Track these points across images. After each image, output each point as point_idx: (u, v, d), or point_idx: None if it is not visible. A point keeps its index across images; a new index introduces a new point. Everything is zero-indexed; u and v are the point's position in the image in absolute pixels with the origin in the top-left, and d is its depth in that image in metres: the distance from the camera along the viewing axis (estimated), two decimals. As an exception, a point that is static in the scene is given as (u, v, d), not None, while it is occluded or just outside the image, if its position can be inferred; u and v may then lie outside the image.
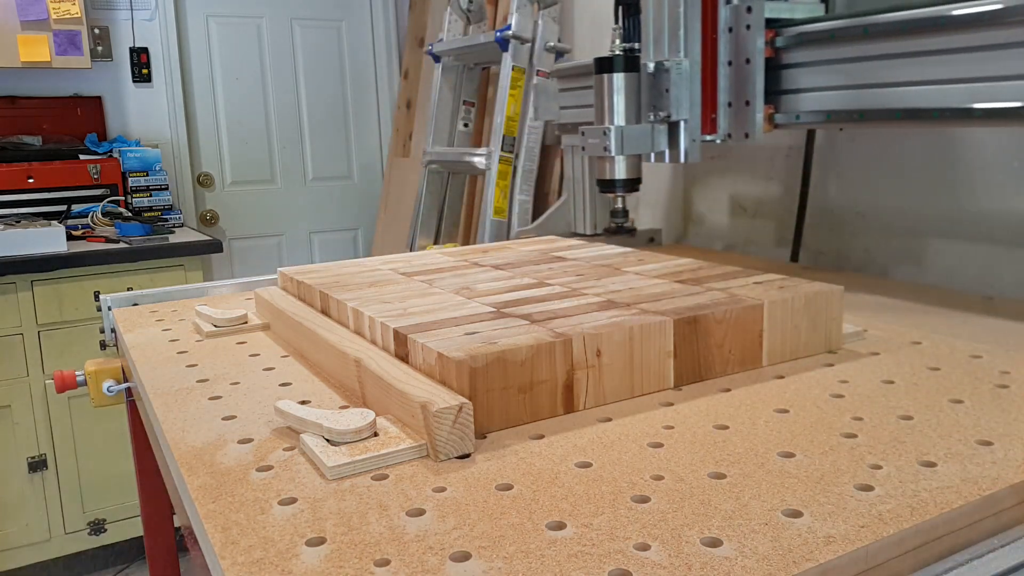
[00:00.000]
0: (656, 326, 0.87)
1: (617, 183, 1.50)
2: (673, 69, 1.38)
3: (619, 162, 1.48)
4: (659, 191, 2.32)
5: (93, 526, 2.75)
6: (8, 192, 2.92)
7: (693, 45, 1.38)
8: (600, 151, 1.43)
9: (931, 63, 1.14)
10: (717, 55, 1.37)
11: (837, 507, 0.60)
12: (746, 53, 1.33)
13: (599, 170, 1.51)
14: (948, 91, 1.12)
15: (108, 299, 1.38)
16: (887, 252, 1.66)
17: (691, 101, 1.39)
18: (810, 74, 1.31)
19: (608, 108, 1.44)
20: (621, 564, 0.54)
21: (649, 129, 1.42)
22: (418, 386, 0.78)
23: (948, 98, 1.12)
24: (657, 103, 1.41)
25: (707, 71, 1.39)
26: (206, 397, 0.92)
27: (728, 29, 1.36)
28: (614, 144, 1.41)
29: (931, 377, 0.89)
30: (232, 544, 0.59)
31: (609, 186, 1.51)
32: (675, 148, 1.43)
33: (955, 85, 1.11)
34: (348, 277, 1.23)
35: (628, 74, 1.44)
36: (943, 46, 1.12)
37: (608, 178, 1.50)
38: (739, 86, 1.35)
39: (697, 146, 1.41)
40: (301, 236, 3.85)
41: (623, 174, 1.49)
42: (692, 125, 1.40)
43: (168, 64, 3.39)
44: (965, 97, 1.10)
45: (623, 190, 1.51)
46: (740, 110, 1.35)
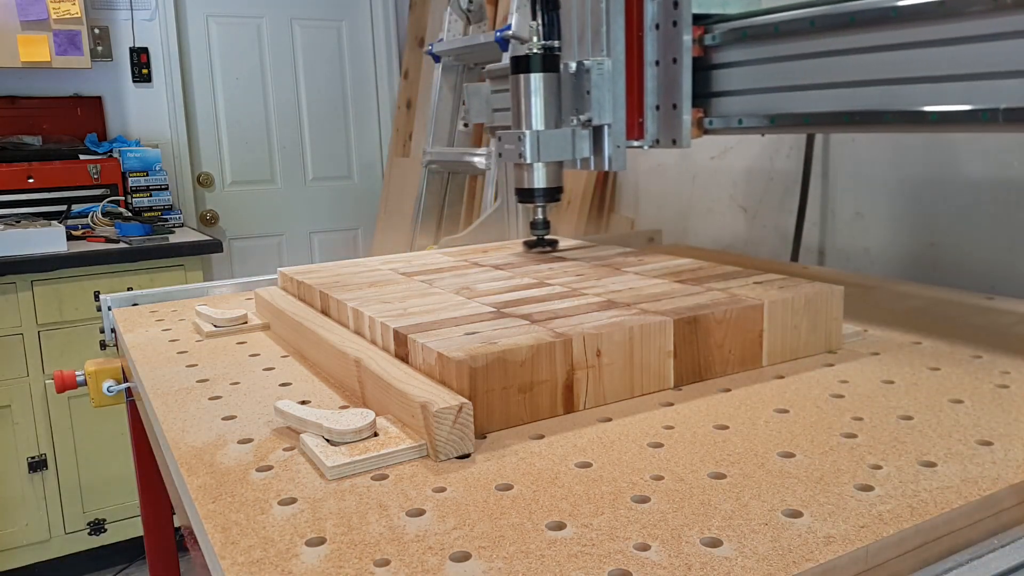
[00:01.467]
0: (656, 326, 0.87)
1: (536, 192, 1.37)
2: (594, 69, 1.27)
3: (538, 169, 1.35)
4: (659, 191, 2.32)
5: (93, 526, 2.75)
6: (8, 192, 2.92)
7: (616, 43, 1.27)
8: (515, 158, 1.32)
9: (877, 61, 1.02)
10: (643, 54, 1.26)
11: (837, 507, 0.60)
12: (673, 52, 1.23)
13: (516, 178, 1.39)
14: (899, 92, 1.01)
15: (108, 299, 1.38)
16: (887, 252, 1.66)
17: (615, 104, 1.28)
18: (743, 75, 1.21)
19: (525, 111, 1.32)
20: (621, 564, 0.54)
21: (570, 134, 1.31)
22: (418, 386, 0.78)
23: (898, 100, 1.01)
24: (579, 106, 1.30)
25: (633, 72, 1.28)
26: (206, 397, 0.92)
27: (655, 26, 1.25)
28: (529, 150, 1.30)
29: (931, 377, 0.89)
30: (232, 544, 0.59)
31: (527, 195, 1.38)
32: (599, 155, 1.32)
33: (908, 86, 1.00)
34: (348, 277, 1.23)
35: (546, 74, 1.32)
36: (892, 41, 1.00)
37: (526, 187, 1.37)
38: (667, 88, 1.25)
39: (622, 153, 1.30)
40: (301, 236, 3.85)
41: (542, 183, 1.36)
42: (616, 130, 1.29)
43: (168, 64, 3.39)
44: (917, 98, 0.99)
45: (543, 200, 1.39)
46: (668, 114, 1.25)
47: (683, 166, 2.22)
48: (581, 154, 1.33)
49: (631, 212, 2.46)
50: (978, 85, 0.90)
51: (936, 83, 0.95)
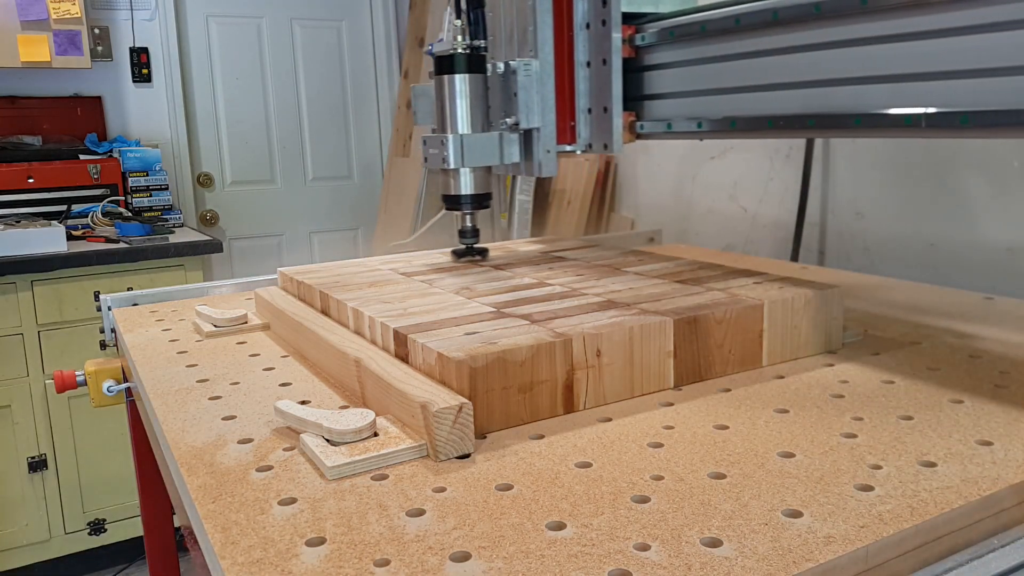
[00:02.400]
0: (656, 326, 0.87)
1: (463, 199, 1.30)
2: (521, 70, 1.20)
3: (464, 175, 1.28)
4: (659, 191, 2.32)
5: (93, 526, 2.75)
6: (8, 192, 2.91)
7: (544, 43, 1.21)
8: (440, 163, 1.25)
9: (802, 62, 0.97)
10: (574, 55, 1.21)
11: (837, 507, 0.60)
12: (603, 53, 1.18)
13: (443, 184, 1.31)
14: (824, 94, 0.95)
15: (108, 299, 1.38)
16: (887, 252, 1.66)
17: (543, 107, 1.22)
18: (674, 76, 1.15)
19: (450, 114, 1.25)
20: (621, 564, 0.54)
21: (497, 138, 1.25)
22: (418, 386, 0.78)
23: (823, 103, 0.94)
24: (507, 109, 1.23)
25: (563, 73, 1.22)
26: (206, 397, 0.92)
27: (586, 25, 1.20)
28: (453, 155, 1.23)
29: (931, 377, 0.89)
30: (232, 544, 0.59)
31: (454, 202, 1.31)
32: (530, 160, 1.25)
33: (833, 88, 0.94)
34: (348, 277, 1.23)
35: (472, 75, 1.25)
36: (815, 40, 0.95)
37: (452, 193, 1.30)
38: (598, 90, 1.20)
39: (553, 157, 1.24)
40: (301, 236, 3.85)
41: (469, 188, 1.29)
42: (546, 134, 1.23)
43: (168, 64, 3.39)
44: (842, 101, 0.93)
45: (470, 207, 1.31)
46: (600, 117, 1.20)
47: (683, 166, 2.22)
48: (510, 159, 1.26)
49: (631, 212, 2.46)
50: (902, 87, 0.86)
51: (859, 85, 0.90)
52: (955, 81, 0.80)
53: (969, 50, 0.78)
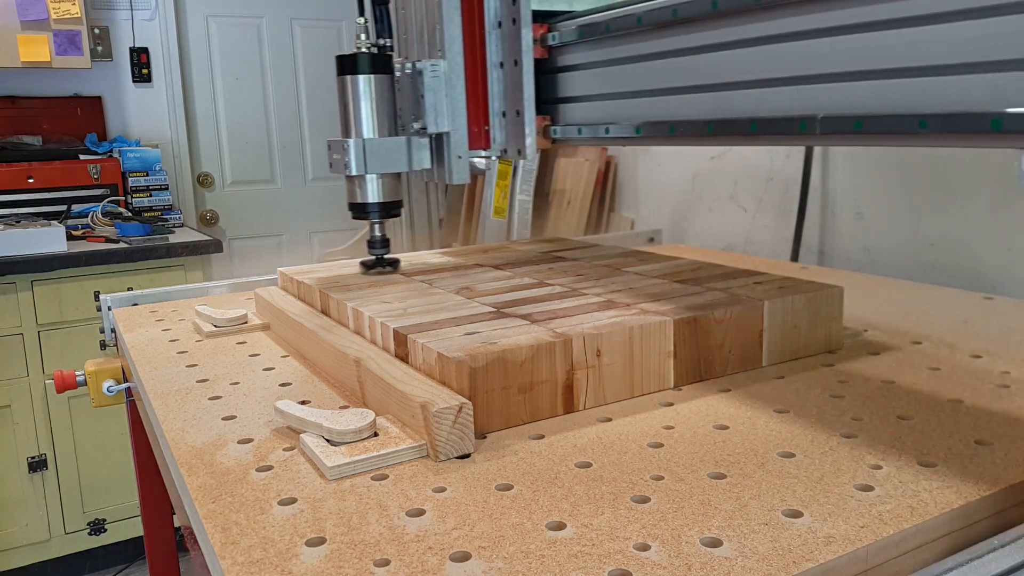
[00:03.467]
0: (656, 326, 0.87)
1: (369, 208, 1.21)
2: (427, 71, 1.13)
3: (370, 182, 1.20)
4: (659, 191, 2.32)
5: (93, 526, 2.75)
6: (8, 192, 2.91)
7: (453, 42, 1.15)
8: (342, 169, 1.17)
9: (703, 63, 0.90)
10: (486, 55, 1.15)
11: (837, 507, 0.60)
12: (514, 53, 1.11)
13: (348, 191, 1.23)
14: (725, 98, 0.88)
15: (108, 299, 1.38)
16: (887, 252, 1.66)
17: (453, 110, 1.16)
18: (587, 78, 1.08)
19: (354, 117, 1.17)
20: (621, 564, 0.54)
21: (404, 143, 1.18)
22: (418, 386, 0.78)
23: (723, 107, 0.88)
24: (417, 112, 1.17)
25: (475, 74, 1.16)
26: (206, 397, 0.92)
27: (498, 24, 1.13)
28: (355, 161, 1.16)
29: (931, 377, 0.89)
30: (232, 544, 0.59)
31: (360, 211, 1.22)
32: (441, 166, 1.19)
33: (732, 92, 0.87)
34: (348, 277, 1.23)
35: (377, 76, 1.17)
36: (715, 40, 0.87)
37: (359, 202, 1.21)
38: (511, 93, 1.13)
39: (465, 164, 1.18)
40: (301, 236, 3.85)
41: (377, 196, 1.21)
42: (457, 139, 1.16)
43: (168, 64, 3.39)
44: (741, 105, 0.85)
45: (378, 216, 1.22)
46: (513, 121, 1.14)
47: (683, 166, 2.22)
48: (421, 165, 1.20)
49: (631, 212, 2.46)
50: (799, 90, 0.79)
51: (755, 88, 0.84)
52: (852, 84, 0.73)
53: (864, 49, 0.71)
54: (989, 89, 0.62)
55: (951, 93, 0.65)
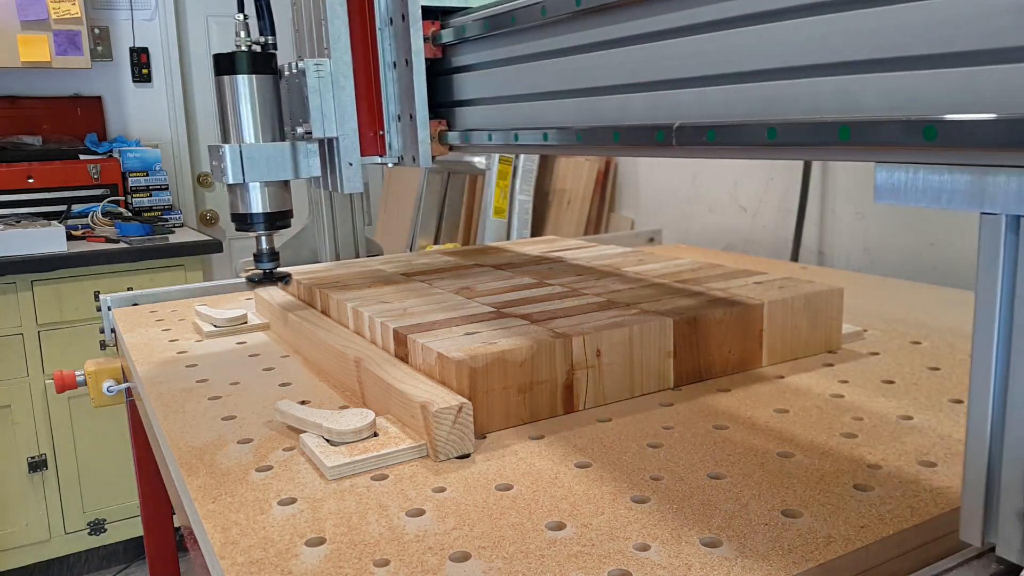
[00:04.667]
0: (656, 326, 0.87)
1: (253, 219, 1.11)
2: (310, 71, 1.05)
3: (254, 190, 1.10)
4: (659, 190, 2.33)
5: (93, 526, 2.75)
6: (8, 192, 2.92)
7: (339, 39, 1.06)
8: (220, 177, 1.08)
9: (571, 66, 0.82)
10: (378, 54, 1.08)
11: (837, 507, 0.60)
12: (405, 52, 1.05)
13: (231, 202, 1.13)
14: (593, 104, 0.80)
15: (108, 299, 1.38)
16: (887, 252, 1.66)
17: (342, 113, 1.07)
18: (481, 80, 1.01)
19: (233, 121, 1.08)
20: (621, 564, 0.54)
21: (288, 149, 1.10)
22: (418, 386, 0.78)
23: (592, 114, 0.79)
24: (304, 116, 1.09)
25: (365, 75, 1.08)
26: (206, 397, 0.92)
27: (390, 20, 1.06)
28: (231, 168, 1.06)
29: (931, 377, 0.89)
30: (232, 544, 0.59)
31: (243, 222, 1.12)
32: (334, 173, 1.11)
33: (599, 97, 0.78)
34: (348, 277, 1.23)
35: (258, 76, 1.09)
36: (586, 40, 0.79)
37: (241, 212, 1.11)
38: (405, 95, 1.06)
39: (357, 171, 1.09)
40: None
41: (261, 206, 1.11)
42: (347, 144, 1.08)
43: (168, 64, 3.39)
44: (605, 112, 0.77)
45: (264, 227, 1.12)
46: (408, 126, 1.07)
47: (683, 165, 2.22)
48: (309, 172, 1.12)
49: (631, 212, 2.46)
50: (657, 96, 0.71)
51: (620, 94, 0.76)
52: (707, 89, 0.66)
53: (719, 50, 0.63)
54: (837, 94, 0.54)
55: (803, 98, 0.57)
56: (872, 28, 0.50)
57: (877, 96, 0.51)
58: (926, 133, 0.45)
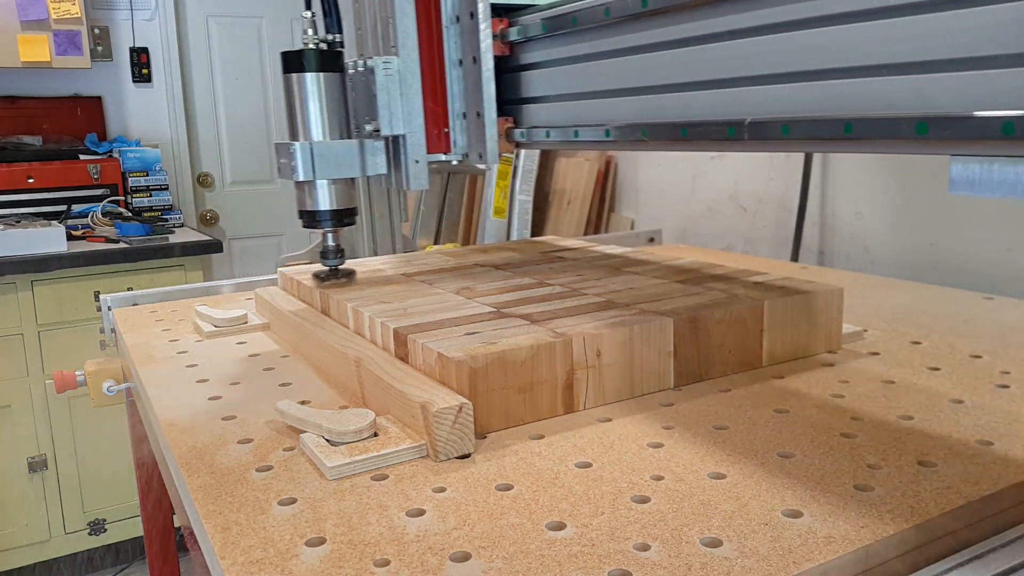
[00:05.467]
0: (656, 326, 0.87)
1: (320, 216, 1.13)
2: (379, 70, 1.05)
3: (321, 188, 1.12)
4: (659, 191, 2.32)
5: (93, 526, 2.75)
6: (8, 192, 2.92)
7: (407, 37, 1.06)
8: (289, 174, 1.10)
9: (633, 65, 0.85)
10: (444, 52, 1.08)
11: (837, 507, 0.60)
12: (473, 50, 1.05)
13: (298, 198, 1.15)
14: (659, 102, 0.83)
15: (108, 299, 1.38)
16: (887, 252, 1.66)
17: (409, 111, 1.07)
18: (547, 77, 1.02)
19: (301, 119, 1.10)
20: (621, 564, 0.54)
21: (356, 146, 1.10)
22: (418, 386, 0.78)
23: (657, 111, 0.82)
24: (371, 113, 1.08)
25: (434, 73, 1.08)
26: (206, 397, 0.92)
27: (456, 19, 1.06)
28: (302, 165, 1.07)
29: (931, 377, 0.89)
30: (232, 544, 0.59)
31: (311, 219, 1.14)
32: (399, 171, 1.11)
33: (667, 95, 0.82)
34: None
35: (326, 75, 1.10)
36: (650, 40, 0.83)
37: (309, 209, 1.13)
38: (472, 93, 1.07)
39: (422, 168, 1.09)
40: (301, 236, 3.85)
41: (329, 203, 1.13)
42: (414, 142, 1.08)
43: (168, 64, 3.39)
44: (670, 110, 0.81)
45: (330, 224, 1.14)
46: (474, 123, 1.07)
47: (683, 166, 2.22)
48: (375, 170, 1.12)
49: (631, 212, 2.46)
50: (723, 93, 0.75)
51: (682, 91, 0.80)
52: (777, 86, 0.70)
53: (789, 50, 0.68)
54: (914, 91, 0.58)
55: (876, 96, 0.61)
56: (946, 30, 0.55)
57: (951, 94, 0.55)
58: (1005, 128, 0.49)
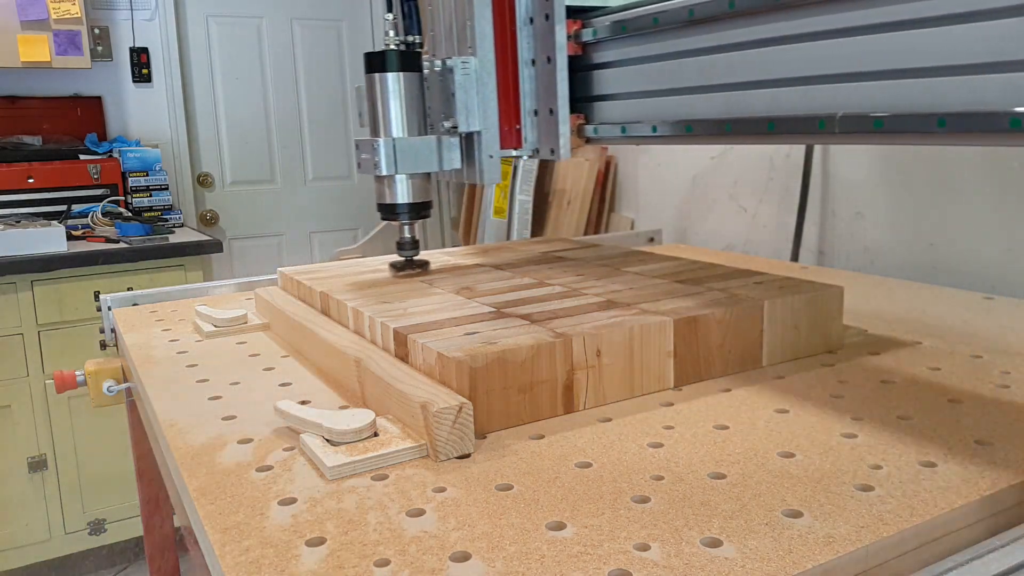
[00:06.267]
0: (656, 326, 0.87)
1: (399, 209, 1.20)
2: (458, 69, 1.11)
3: (400, 183, 1.18)
4: (659, 191, 2.32)
5: (93, 526, 2.75)
6: (8, 192, 2.91)
7: (484, 39, 1.12)
8: (371, 169, 1.15)
9: (720, 63, 0.91)
10: (517, 52, 1.13)
11: (837, 507, 0.60)
12: (547, 50, 1.10)
13: (378, 192, 1.21)
14: (742, 97, 0.89)
15: (108, 299, 1.38)
16: (887, 252, 1.66)
17: (485, 109, 1.13)
18: (623, 75, 1.07)
19: (383, 116, 1.16)
20: (621, 564, 0.54)
21: (435, 142, 1.16)
22: (418, 386, 0.78)
23: (739, 106, 0.88)
24: (446, 111, 1.15)
25: (507, 72, 1.14)
26: (206, 397, 0.92)
27: (529, 20, 1.12)
28: (385, 161, 1.13)
29: (931, 377, 0.89)
30: (232, 544, 0.59)
31: (389, 212, 1.20)
32: (472, 165, 1.17)
33: (751, 91, 0.88)
34: (348, 277, 1.23)
35: (406, 74, 1.15)
36: (734, 40, 0.89)
37: (388, 202, 1.20)
38: (544, 91, 1.12)
39: (496, 163, 1.15)
40: (301, 236, 3.85)
41: (407, 197, 1.19)
42: (488, 138, 1.14)
43: (168, 64, 3.39)
44: (756, 104, 0.87)
45: (408, 217, 1.21)
46: (546, 120, 1.13)
47: (683, 166, 2.22)
48: (451, 164, 1.18)
49: (631, 212, 2.46)
50: (811, 90, 0.82)
51: (771, 88, 0.86)
52: (867, 83, 0.76)
53: (879, 51, 0.74)
54: (1004, 89, 0.64)
55: (967, 92, 0.67)
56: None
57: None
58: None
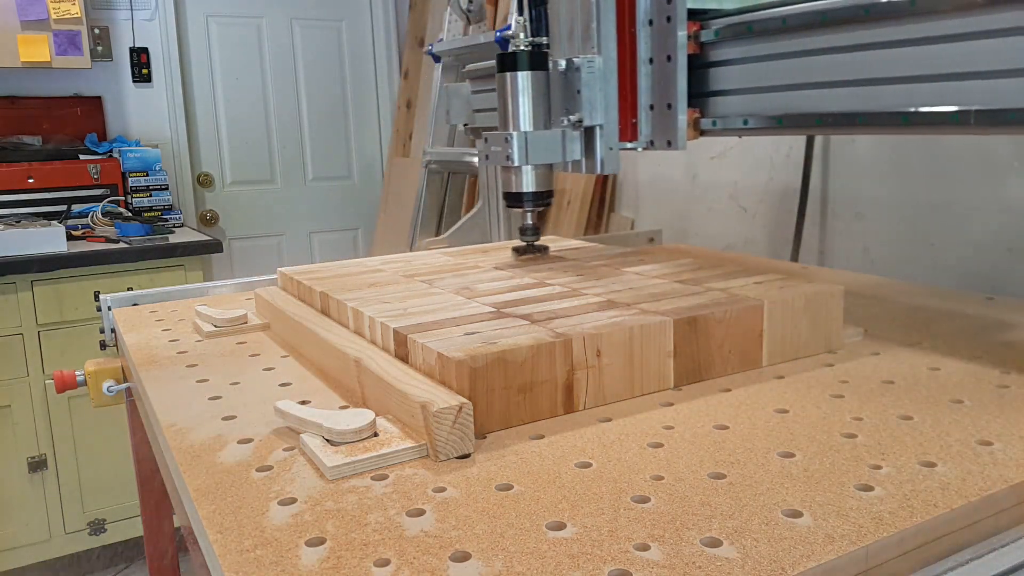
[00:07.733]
0: (656, 326, 0.87)
1: (525, 197, 1.31)
2: (584, 67, 1.20)
3: (526, 173, 1.29)
4: (659, 191, 2.32)
5: (93, 526, 2.75)
6: (8, 192, 2.92)
7: (608, 40, 1.22)
8: (503, 160, 1.25)
9: (851, 60, 1.00)
10: (636, 52, 1.22)
11: (837, 507, 0.60)
12: (667, 49, 1.18)
13: (504, 182, 1.33)
14: (874, 93, 0.98)
15: (108, 299, 1.38)
16: (887, 252, 1.66)
17: (606, 104, 1.22)
18: (743, 72, 1.16)
19: (512, 112, 1.26)
20: (621, 564, 0.54)
21: (559, 135, 1.25)
22: (418, 386, 0.78)
23: (873, 101, 0.97)
24: (569, 106, 1.24)
25: (625, 70, 1.23)
26: (206, 397, 0.92)
27: (648, 22, 1.21)
28: (517, 152, 1.23)
29: (931, 377, 0.89)
30: (232, 544, 0.59)
31: (516, 200, 1.32)
32: (591, 157, 1.26)
33: (883, 87, 0.97)
34: (348, 277, 1.23)
35: (534, 73, 1.26)
36: (869, 40, 0.98)
37: (515, 191, 1.31)
38: (661, 87, 1.21)
39: (615, 155, 1.25)
40: (301, 236, 3.85)
41: (531, 186, 1.30)
42: (608, 131, 1.23)
43: (168, 64, 3.39)
44: (892, 99, 0.96)
45: (532, 204, 1.32)
46: (663, 114, 1.21)
47: (683, 166, 2.22)
48: (572, 156, 1.27)
49: (631, 212, 2.46)
50: (947, 86, 0.89)
51: (908, 84, 0.94)
52: (1002, 80, 0.85)
53: (1014, 49, 0.83)
54: None
55: None
56: None
57: None
58: None
